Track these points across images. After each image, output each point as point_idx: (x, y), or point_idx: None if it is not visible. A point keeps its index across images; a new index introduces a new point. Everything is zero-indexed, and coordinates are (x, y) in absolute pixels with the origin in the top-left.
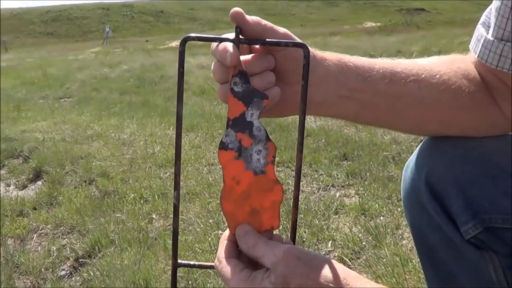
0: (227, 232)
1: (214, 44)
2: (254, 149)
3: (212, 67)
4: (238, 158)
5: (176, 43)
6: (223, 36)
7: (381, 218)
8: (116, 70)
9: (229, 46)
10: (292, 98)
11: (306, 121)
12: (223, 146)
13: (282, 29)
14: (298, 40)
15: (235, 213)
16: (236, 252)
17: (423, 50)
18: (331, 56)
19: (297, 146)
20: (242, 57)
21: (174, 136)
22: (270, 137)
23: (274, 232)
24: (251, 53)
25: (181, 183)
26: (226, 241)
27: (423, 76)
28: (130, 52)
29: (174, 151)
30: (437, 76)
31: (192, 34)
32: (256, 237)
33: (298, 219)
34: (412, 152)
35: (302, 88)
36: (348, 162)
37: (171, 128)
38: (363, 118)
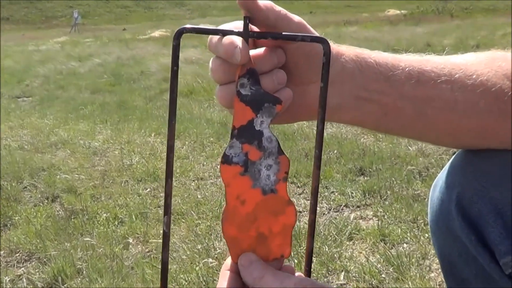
0: (229, 260)
1: (213, 38)
2: (263, 163)
3: (210, 64)
4: (244, 174)
5: (160, 33)
6: (225, 26)
7: (404, 245)
8: (86, 64)
9: (237, 40)
10: (303, 102)
11: (313, 128)
12: (226, 160)
13: (296, 17)
14: (314, 31)
15: (239, 239)
16: (239, 285)
17: (458, 44)
18: (348, 50)
19: (314, 161)
20: (250, 52)
21: (156, 144)
22: (283, 149)
23: (284, 262)
24: (255, 46)
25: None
26: (227, 271)
27: (457, 76)
28: (104, 42)
29: (155, 163)
30: (474, 76)
31: (189, 26)
32: (262, 268)
33: (304, 245)
34: (442, 167)
35: (321, 92)
36: (365, 178)
37: (153, 135)
38: (385, 125)
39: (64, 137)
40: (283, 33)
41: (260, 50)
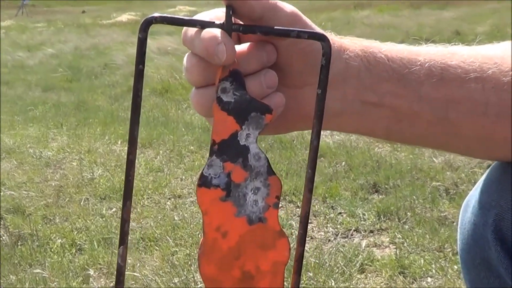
0: None
1: (189, 30)
2: (249, 186)
3: (185, 62)
4: (225, 200)
5: (128, 16)
6: (203, 16)
7: (429, 279)
8: (37, 55)
9: (220, 34)
10: (297, 108)
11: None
12: (204, 182)
13: (288, 7)
14: (310, 23)
15: (220, 280)
16: None
17: (493, 32)
18: (353, 43)
19: (306, 183)
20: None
21: (123, 154)
22: (272, 167)
23: None
24: (239, 40)
25: (134, 224)
26: None
27: (489, 72)
28: (58, 28)
29: (122, 177)
30: (511, 73)
31: (158, 14)
32: None
33: (305, 279)
34: (474, 183)
35: (317, 100)
36: (380, 196)
37: (119, 143)
38: (398, 134)
39: (9, 144)
40: (276, 27)
41: (245, 46)
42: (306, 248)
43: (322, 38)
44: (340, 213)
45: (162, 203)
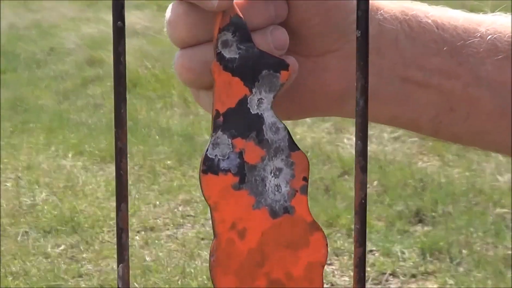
0: None
1: None
2: (268, 167)
3: (168, 14)
4: (240, 188)
5: None
6: None
7: None
8: None
9: None
10: (313, 82)
11: (339, 143)
12: (210, 167)
13: None
14: None
15: None
16: None
17: None
18: (389, 3)
19: (356, 159)
20: None
21: (75, 170)
22: (296, 142)
23: None
24: None
25: (90, 266)
26: None
27: None
28: None
29: (74, 202)
30: None
31: None
32: None
33: None
34: None
35: (358, 44)
36: (426, 228)
37: (70, 155)
38: (450, 128)
39: None
40: None
41: None
42: None
43: None
44: (372, 250)
45: (129, 237)
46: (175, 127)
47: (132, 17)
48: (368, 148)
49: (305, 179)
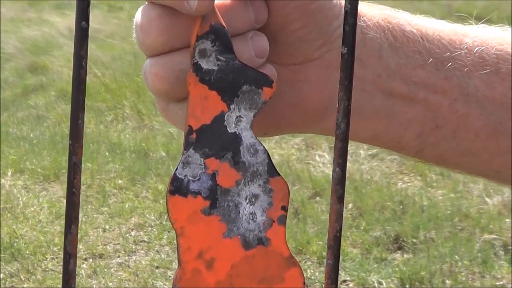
0: None
1: None
2: (243, 193)
3: (138, 18)
4: (210, 213)
5: None
6: None
7: None
8: None
9: None
10: (293, 94)
11: (309, 161)
12: (178, 188)
13: None
14: None
15: None
16: None
17: None
18: (372, 10)
19: (332, 187)
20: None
21: (15, 190)
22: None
23: None
24: None
25: None
26: None
27: None
28: None
29: (14, 225)
30: None
31: None
32: None
33: None
34: None
35: (342, 62)
36: (406, 255)
37: (10, 174)
38: (436, 148)
39: None
40: None
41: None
42: None
43: None
44: (345, 281)
45: (78, 270)
46: (127, 142)
47: None
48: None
49: (284, 208)
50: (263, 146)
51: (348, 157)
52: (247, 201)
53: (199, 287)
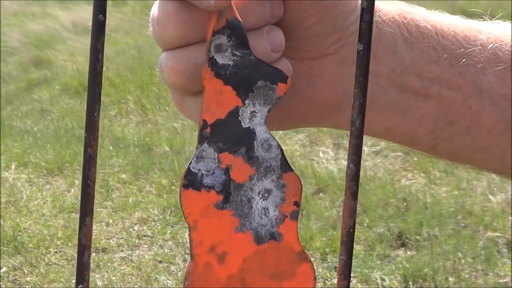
0: None
1: None
2: (256, 188)
3: (154, 12)
4: (223, 207)
5: None
6: None
7: None
8: None
9: None
10: (308, 88)
11: (314, 157)
12: (191, 182)
13: None
14: None
15: None
16: None
17: None
18: (386, 5)
19: (347, 184)
20: None
21: (19, 183)
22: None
23: None
24: None
25: None
26: None
27: None
28: None
29: (18, 219)
30: None
31: None
32: None
33: None
34: None
35: (358, 59)
36: (409, 252)
37: (13, 167)
38: (449, 143)
39: None
40: None
41: None
42: None
43: None
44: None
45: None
46: (131, 136)
47: (83, 13)
48: (345, 162)
49: (297, 203)
50: (277, 142)
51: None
52: (260, 196)
53: (210, 280)
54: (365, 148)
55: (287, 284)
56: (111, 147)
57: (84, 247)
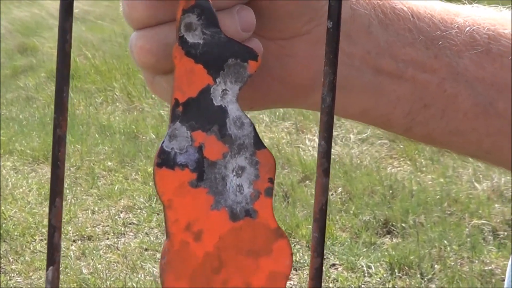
0: None
1: None
2: (230, 165)
3: None
4: (197, 185)
5: None
6: None
7: None
8: None
9: None
10: (279, 68)
11: (298, 144)
12: (165, 161)
13: None
14: None
15: None
16: None
17: None
18: None
19: (318, 161)
20: None
21: (4, 171)
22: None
23: None
24: None
25: (19, 279)
26: None
27: None
28: None
29: (4, 207)
30: None
31: None
32: None
33: None
34: None
35: (328, 37)
36: (395, 240)
37: None
38: (423, 126)
39: None
40: None
41: None
42: None
43: None
44: (334, 264)
45: (64, 247)
46: (116, 124)
47: None
48: (332, 150)
49: (271, 180)
50: (249, 119)
51: (338, 141)
52: (234, 173)
53: (187, 258)
54: (351, 136)
55: (263, 261)
56: (97, 135)
57: (54, 228)
